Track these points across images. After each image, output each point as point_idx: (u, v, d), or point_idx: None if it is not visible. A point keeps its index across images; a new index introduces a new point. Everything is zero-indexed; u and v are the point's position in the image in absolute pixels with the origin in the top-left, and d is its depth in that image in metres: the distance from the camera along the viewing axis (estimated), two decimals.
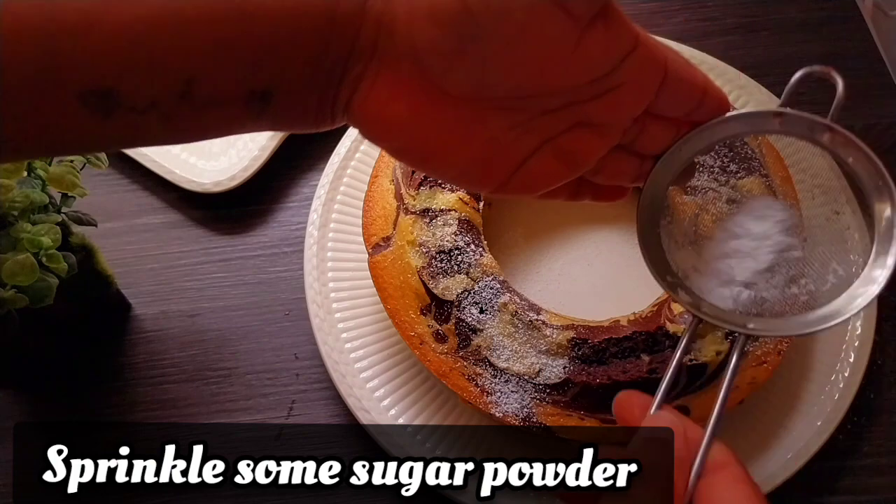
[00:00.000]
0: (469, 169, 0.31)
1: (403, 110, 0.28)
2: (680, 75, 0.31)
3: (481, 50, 0.27)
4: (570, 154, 0.31)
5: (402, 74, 0.27)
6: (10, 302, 0.39)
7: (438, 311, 0.46)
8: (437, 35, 0.26)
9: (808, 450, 0.46)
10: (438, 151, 0.30)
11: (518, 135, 0.30)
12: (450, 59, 0.27)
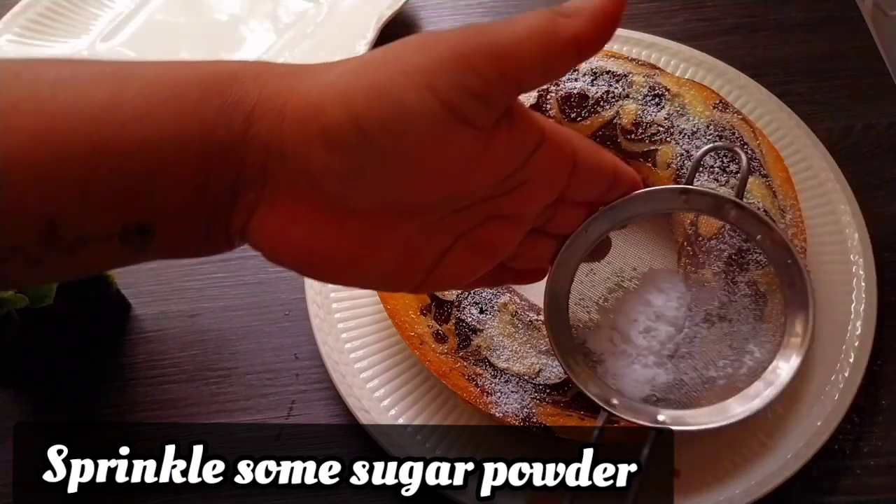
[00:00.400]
0: (383, 276, 0.30)
1: (305, 232, 0.27)
2: (589, 163, 0.31)
3: (382, 169, 0.26)
4: (485, 246, 0.31)
5: (300, 198, 0.26)
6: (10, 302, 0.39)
7: (438, 311, 0.46)
8: (332, 160, 0.25)
9: (808, 450, 0.46)
10: (348, 265, 0.28)
11: (431, 235, 0.29)
12: (349, 182, 0.26)
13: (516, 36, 0.25)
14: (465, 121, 0.25)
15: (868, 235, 0.53)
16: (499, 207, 0.30)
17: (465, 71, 0.25)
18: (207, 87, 0.25)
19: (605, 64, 0.54)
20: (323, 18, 0.67)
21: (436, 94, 0.25)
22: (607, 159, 0.32)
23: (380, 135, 0.25)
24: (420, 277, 0.30)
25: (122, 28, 0.68)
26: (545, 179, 0.30)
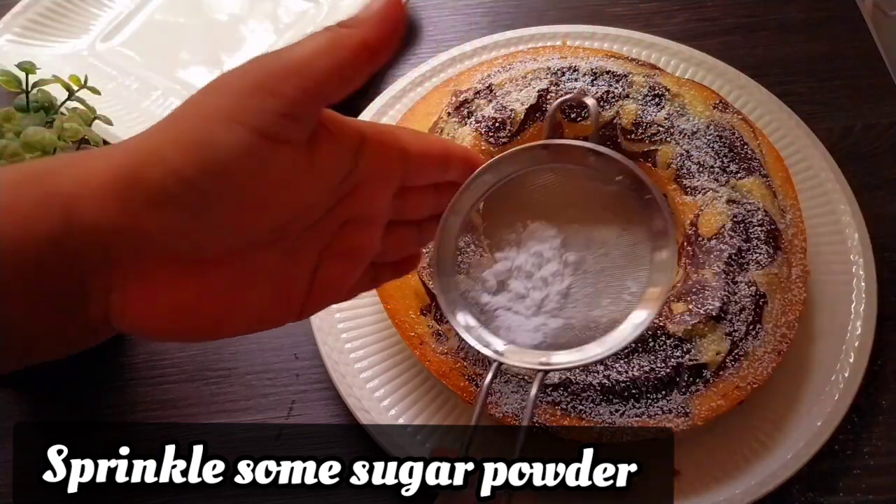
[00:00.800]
0: (262, 315, 0.30)
1: (170, 300, 0.27)
2: (418, 151, 0.33)
3: (217, 210, 0.26)
4: (350, 252, 0.32)
5: (151, 268, 0.26)
6: None
7: (438, 312, 0.46)
8: (165, 217, 0.25)
9: (808, 450, 0.46)
10: (225, 316, 0.28)
11: (294, 259, 0.30)
12: (191, 233, 0.26)
13: (305, 54, 0.26)
14: (278, 139, 0.26)
15: (868, 235, 0.53)
16: (346, 212, 0.31)
17: (265, 96, 0.26)
18: (20, 186, 0.24)
19: (605, 64, 0.54)
20: (323, 18, 0.67)
21: (243, 124, 0.25)
22: (435, 144, 0.35)
23: (203, 179, 0.25)
24: (298, 303, 0.31)
25: (122, 28, 0.68)
26: (379, 176, 0.32)
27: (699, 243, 0.49)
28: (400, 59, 0.66)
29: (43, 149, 0.41)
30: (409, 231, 0.36)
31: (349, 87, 0.28)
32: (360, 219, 0.32)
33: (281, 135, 0.26)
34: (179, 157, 0.25)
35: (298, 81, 0.26)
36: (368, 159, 0.30)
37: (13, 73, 0.44)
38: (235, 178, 0.26)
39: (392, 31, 0.28)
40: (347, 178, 0.30)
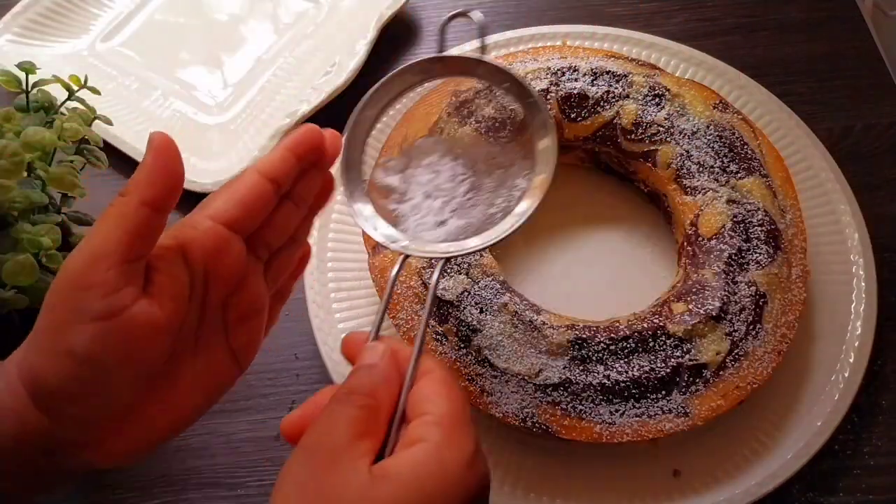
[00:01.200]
0: (219, 390, 0.34)
1: (138, 435, 0.31)
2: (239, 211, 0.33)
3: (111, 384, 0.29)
4: (246, 313, 0.34)
5: (101, 437, 0.30)
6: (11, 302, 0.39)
7: (438, 312, 0.46)
8: (66, 417, 0.29)
9: (808, 450, 0.46)
10: (192, 414, 0.33)
11: (204, 352, 0.33)
12: (98, 416, 0.30)
13: (99, 238, 0.29)
14: (113, 315, 0.28)
15: (868, 235, 0.53)
16: (219, 301, 0.33)
17: (79, 299, 0.28)
18: None
19: (605, 64, 0.54)
20: (323, 18, 0.67)
21: (71, 345, 0.28)
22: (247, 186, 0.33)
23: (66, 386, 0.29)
24: (235, 371, 0.34)
25: (122, 28, 0.68)
26: (226, 265, 0.33)
27: (699, 243, 0.49)
28: (400, 59, 0.66)
29: (43, 149, 0.41)
30: (282, 258, 0.37)
31: (155, 236, 0.30)
32: (236, 295, 0.34)
33: (113, 310, 0.28)
34: (40, 377, 0.29)
35: (105, 263, 0.29)
36: (204, 264, 0.32)
37: (13, 73, 0.44)
38: (110, 364, 0.29)
39: (167, 177, 0.30)
40: (200, 288, 0.32)
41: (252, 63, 0.65)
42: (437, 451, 0.28)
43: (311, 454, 0.28)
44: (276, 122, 0.59)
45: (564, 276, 0.54)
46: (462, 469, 0.28)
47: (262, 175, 0.33)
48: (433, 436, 0.28)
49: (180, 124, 0.62)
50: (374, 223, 0.38)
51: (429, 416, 0.29)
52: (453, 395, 0.30)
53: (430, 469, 0.28)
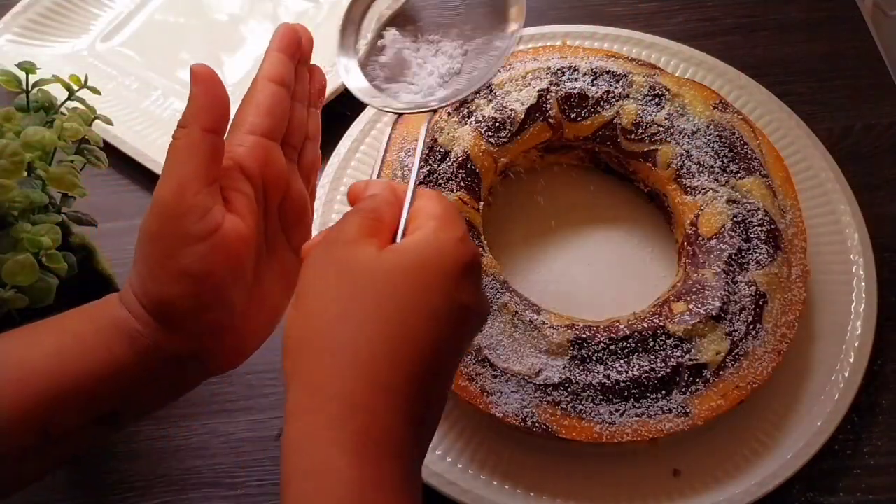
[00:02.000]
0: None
1: (255, 336, 0.37)
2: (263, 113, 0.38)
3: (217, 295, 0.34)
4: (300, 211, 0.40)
5: (221, 339, 0.35)
6: (11, 302, 0.39)
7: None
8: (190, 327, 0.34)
9: (808, 450, 0.46)
10: (280, 306, 0.38)
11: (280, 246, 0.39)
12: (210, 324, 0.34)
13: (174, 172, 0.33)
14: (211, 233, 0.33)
15: (868, 235, 0.53)
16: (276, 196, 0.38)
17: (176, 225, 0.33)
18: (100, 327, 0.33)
19: (605, 64, 0.54)
20: (323, 18, 0.67)
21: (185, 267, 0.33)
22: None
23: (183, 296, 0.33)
24: (299, 267, 0.34)
25: (122, 28, 0.68)
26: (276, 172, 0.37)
27: (699, 243, 0.49)
28: None
29: (43, 148, 0.41)
30: (307, 150, 0.41)
31: (221, 158, 0.34)
32: (287, 200, 0.38)
33: (212, 227, 0.33)
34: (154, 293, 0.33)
35: (192, 189, 0.32)
36: (260, 176, 0.36)
37: (13, 73, 0.44)
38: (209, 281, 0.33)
39: (217, 103, 0.35)
40: (261, 198, 0.36)
41: (252, 63, 0.65)
42: (434, 233, 0.32)
43: (327, 245, 0.33)
44: None
45: (564, 276, 0.54)
46: (455, 244, 0.32)
47: (274, 81, 0.37)
48: (429, 225, 0.33)
49: None
50: (358, 80, 0.41)
51: (422, 215, 0.33)
52: (444, 202, 0.34)
53: (429, 244, 0.32)
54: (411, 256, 0.31)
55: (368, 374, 0.29)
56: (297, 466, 0.28)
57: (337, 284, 0.31)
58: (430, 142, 0.51)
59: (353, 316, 0.30)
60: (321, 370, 0.29)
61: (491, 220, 0.54)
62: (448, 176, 0.50)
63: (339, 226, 0.33)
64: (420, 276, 0.30)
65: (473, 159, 0.51)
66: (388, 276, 0.30)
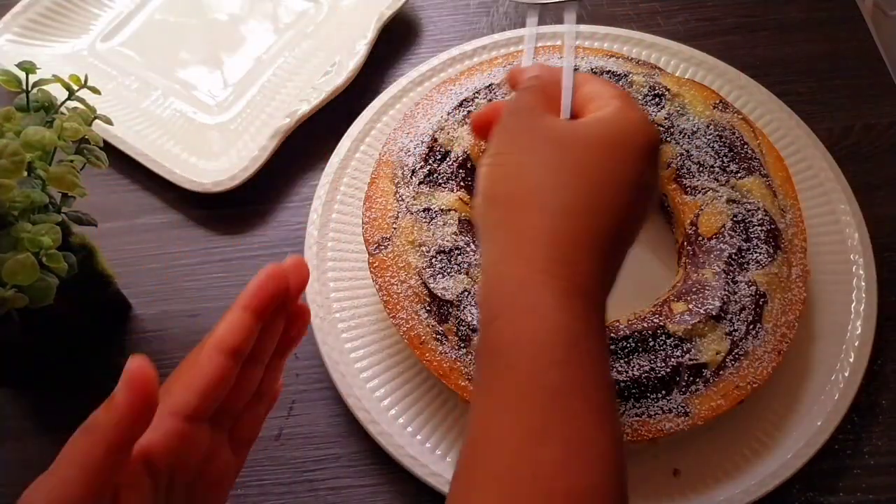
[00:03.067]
0: None
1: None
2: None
3: None
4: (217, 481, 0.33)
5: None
6: (11, 301, 0.39)
7: (438, 311, 0.46)
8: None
9: (808, 450, 0.46)
10: None
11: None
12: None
13: (52, 490, 0.28)
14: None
15: (868, 235, 0.53)
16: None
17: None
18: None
19: (605, 64, 0.54)
20: (323, 18, 0.67)
21: None
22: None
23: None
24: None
25: (122, 28, 0.68)
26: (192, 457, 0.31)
27: (699, 243, 0.49)
28: (400, 59, 0.66)
29: (43, 148, 0.41)
30: (252, 408, 0.34)
31: (121, 468, 0.28)
32: (203, 473, 0.32)
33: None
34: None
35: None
36: (170, 465, 0.30)
37: (13, 72, 0.44)
38: None
39: (139, 417, 0.29)
40: (165, 486, 0.30)
41: (252, 63, 0.65)
42: (621, 110, 0.34)
43: (516, 113, 0.35)
44: (276, 121, 0.59)
45: None
46: (646, 123, 0.34)
47: (222, 352, 0.30)
48: (613, 102, 0.35)
49: (180, 124, 0.62)
50: None
51: (601, 96, 0.35)
52: (615, 85, 0.36)
53: (624, 120, 0.34)
54: (610, 130, 0.34)
55: (574, 233, 0.32)
56: (510, 304, 0.31)
57: (539, 148, 0.33)
58: (431, 142, 0.51)
59: (559, 179, 0.32)
60: (531, 223, 0.32)
61: None
62: (448, 176, 0.50)
63: (518, 100, 0.36)
64: (618, 149, 0.33)
65: (473, 159, 0.51)
66: (589, 146, 0.33)
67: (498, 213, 0.33)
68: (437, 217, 0.48)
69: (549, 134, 0.34)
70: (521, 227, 0.32)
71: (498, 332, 0.31)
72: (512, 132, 0.35)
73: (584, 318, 0.31)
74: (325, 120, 0.60)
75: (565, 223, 0.32)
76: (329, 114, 0.60)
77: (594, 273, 0.32)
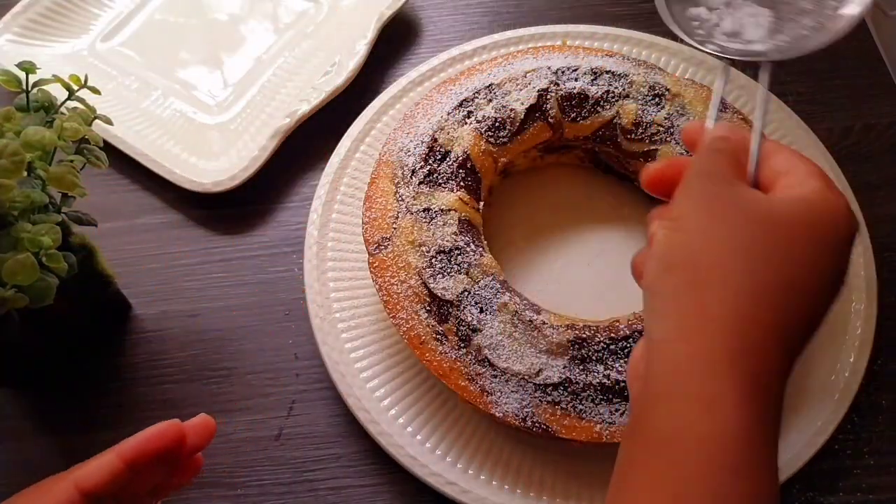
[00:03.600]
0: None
1: None
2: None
3: None
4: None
5: None
6: (11, 301, 0.39)
7: (438, 311, 0.46)
8: None
9: (809, 450, 0.46)
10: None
11: None
12: None
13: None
14: None
15: (868, 235, 0.53)
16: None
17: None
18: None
19: (605, 64, 0.54)
20: (323, 18, 0.67)
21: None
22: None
23: None
24: None
25: (122, 28, 0.68)
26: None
27: None
28: (400, 59, 0.66)
29: (43, 148, 0.41)
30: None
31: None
32: None
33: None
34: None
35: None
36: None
37: (13, 72, 0.44)
38: None
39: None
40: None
41: (252, 63, 0.65)
42: (823, 192, 0.31)
43: (702, 178, 0.31)
44: (276, 121, 0.59)
45: (564, 275, 0.54)
46: (847, 210, 0.31)
47: (80, 491, 0.32)
48: (813, 182, 0.31)
49: (180, 124, 0.62)
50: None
51: (798, 172, 0.32)
52: (813, 162, 0.32)
53: (822, 203, 0.30)
54: (812, 214, 0.30)
55: (765, 319, 0.29)
56: (683, 388, 0.28)
57: (731, 219, 0.30)
58: (431, 142, 0.51)
59: (752, 256, 0.29)
60: (717, 300, 0.29)
61: (491, 220, 0.54)
62: (448, 176, 0.50)
63: (706, 162, 0.32)
64: (820, 237, 0.30)
65: (473, 159, 0.51)
66: (783, 226, 0.30)
67: (677, 283, 0.30)
68: (437, 217, 0.48)
69: (743, 205, 0.30)
70: (705, 302, 0.29)
71: (665, 417, 0.28)
72: (699, 197, 0.31)
73: (764, 421, 0.29)
74: (325, 120, 0.60)
75: (756, 307, 0.29)
76: (329, 114, 0.60)
77: (782, 366, 0.30)
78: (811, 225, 0.30)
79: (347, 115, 0.59)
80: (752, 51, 0.37)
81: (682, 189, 0.32)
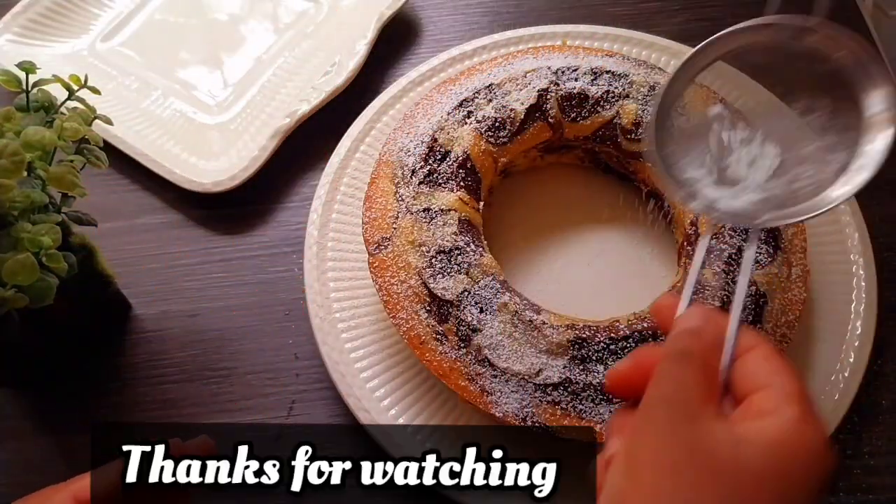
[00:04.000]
0: None
1: None
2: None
3: None
4: None
5: None
6: (11, 301, 0.39)
7: (438, 311, 0.46)
8: None
9: None
10: None
11: None
12: None
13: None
14: None
15: (868, 235, 0.53)
16: None
17: None
18: None
19: (605, 64, 0.54)
20: (323, 18, 0.67)
21: None
22: None
23: None
24: None
25: (122, 28, 0.68)
26: None
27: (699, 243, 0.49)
28: (400, 59, 0.66)
29: (43, 148, 0.41)
30: None
31: None
32: None
33: None
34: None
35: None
36: None
37: (13, 72, 0.44)
38: None
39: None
40: None
41: (252, 63, 0.65)
42: (798, 424, 0.28)
43: (671, 408, 0.28)
44: (276, 121, 0.59)
45: (564, 275, 0.54)
46: (823, 448, 0.28)
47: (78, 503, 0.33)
48: (788, 410, 0.28)
49: (180, 124, 0.62)
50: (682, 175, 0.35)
51: (774, 391, 0.29)
52: (793, 371, 0.29)
53: (793, 441, 0.27)
54: (779, 459, 0.27)
55: None
56: None
57: (684, 472, 0.27)
58: (431, 142, 0.51)
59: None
60: None
61: (491, 220, 0.54)
62: (448, 176, 0.50)
63: (674, 379, 0.29)
64: (784, 483, 0.27)
65: (473, 159, 0.51)
66: (748, 479, 0.27)
67: None
68: (437, 217, 0.48)
69: (706, 453, 0.27)
70: None
71: None
72: (661, 437, 0.28)
73: None
74: (325, 120, 0.60)
75: None
76: (329, 114, 0.60)
77: None
78: (781, 475, 0.27)
79: (347, 115, 0.59)
80: (739, 210, 0.35)
81: (644, 417, 0.29)
